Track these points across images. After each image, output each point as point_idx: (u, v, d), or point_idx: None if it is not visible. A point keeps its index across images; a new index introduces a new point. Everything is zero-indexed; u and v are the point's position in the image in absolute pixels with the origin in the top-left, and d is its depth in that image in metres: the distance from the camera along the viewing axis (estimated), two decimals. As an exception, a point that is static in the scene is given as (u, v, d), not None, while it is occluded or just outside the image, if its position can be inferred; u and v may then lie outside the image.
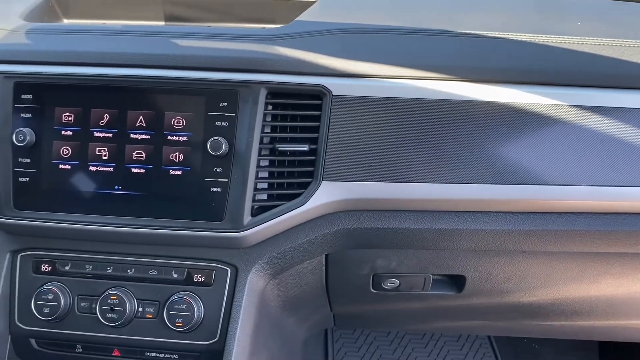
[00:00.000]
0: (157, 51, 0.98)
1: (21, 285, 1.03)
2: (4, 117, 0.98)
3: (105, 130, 0.97)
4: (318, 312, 1.27)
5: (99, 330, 1.01)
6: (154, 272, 1.01)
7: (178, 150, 0.96)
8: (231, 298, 0.99)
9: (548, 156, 0.96)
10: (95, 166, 0.97)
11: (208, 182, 0.95)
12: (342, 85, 0.96)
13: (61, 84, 0.98)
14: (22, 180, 0.99)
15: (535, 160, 0.96)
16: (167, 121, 0.96)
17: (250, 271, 0.99)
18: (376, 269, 1.10)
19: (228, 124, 0.95)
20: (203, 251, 1.00)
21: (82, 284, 1.02)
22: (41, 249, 1.03)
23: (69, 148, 0.98)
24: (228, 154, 0.94)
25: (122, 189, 0.97)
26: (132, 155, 0.97)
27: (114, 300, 0.99)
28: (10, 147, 0.98)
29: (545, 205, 0.98)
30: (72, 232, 0.99)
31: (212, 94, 0.95)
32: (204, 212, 0.95)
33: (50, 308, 1.00)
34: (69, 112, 0.98)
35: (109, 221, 0.97)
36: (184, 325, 0.98)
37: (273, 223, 0.96)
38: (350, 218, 1.00)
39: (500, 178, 0.96)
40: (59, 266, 1.03)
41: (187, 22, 1.24)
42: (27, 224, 0.99)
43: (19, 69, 0.99)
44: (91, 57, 0.98)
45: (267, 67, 0.95)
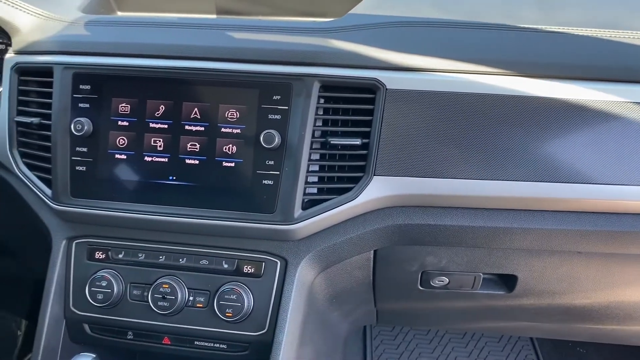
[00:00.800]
0: (212, 43, 0.98)
1: (76, 271, 1.06)
2: (63, 107, 1.01)
3: (161, 122, 0.99)
4: (362, 308, 1.26)
5: (150, 318, 1.02)
6: (205, 262, 1.02)
7: (231, 142, 0.96)
8: (280, 290, 1.00)
9: (608, 155, 0.93)
10: (150, 156, 0.99)
11: (260, 175, 0.96)
12: (396, 78, 0.95)
13: (118, 75, 1.00)
14: (79, 169, 1.01)
15: (595, 158, 0.93)
16: (221, 113, 0.97)
17: (300, 264, 0.99)
18: (425, 266, 1.08)
19: (281, 117, 0.95)
20: (253, 243, 1.01)
21: (134, 272, 1.04)
22: (95, 236, 1.06)
23: (125, 138, 1.00)
24: (280, 147, 0.94)
25: (176, 180, 0.98)
26: (187, 147, 0.98)
27: (166, 289, 1.01)
28: (68, 136, 1.01)
29: (605, 205, 0.95)
30: (126, 220, 1.01)
31: (265, 87, 0.95)
32: (255, 204, 0.96)
33: (103, 295, 1.02)
34: (125, 103, 1.00)
35: (162, 211, 0.99)
36: (234, 315, 0.99)
37: (323, 217, 0.96)
38: (402, 214, 0.99)
39: (557, 176, 0.93)
40: (113, 254, 1.05)
41: (238, 15, 1.25)
42: (82, 212, 1.01)
43: (78, 60, 1.01)
44: (148, 49, 1.00)
45: (320, 60, 0.95)
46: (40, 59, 1.04)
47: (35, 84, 1.07)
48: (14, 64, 1.06)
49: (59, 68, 1.01)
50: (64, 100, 1.01)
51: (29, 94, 1.07)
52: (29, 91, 1.07)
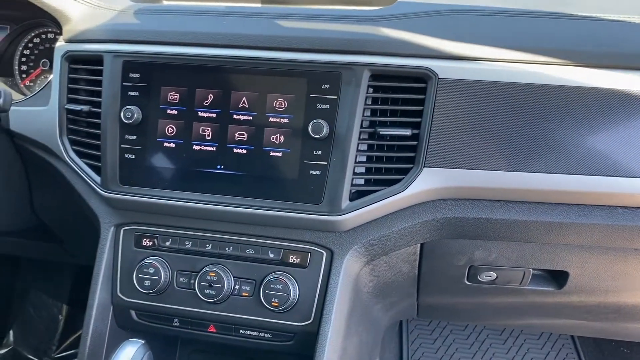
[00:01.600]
0: (261, 32, 0.98)
1: (123, 258, 1.07)
2: (113, 95, 1.02)
3: (209, 110, 0.99)
4: (404, 301, 1.25)
5: (196, 306, 1.03)
6: (251, 251, 1.02)
7: (279, 131, 0.96)
8: (326, 281, 0.99)
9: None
10: (199, 145, 0.99)
11: (307, 165, 0.95)
12: (449, 68, 0.92)
13: (168, 64, 1.00)
14: (128, 157, 1.02)
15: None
16: (269, 102, 0.96)
17: (346, 255, 0.99)
18: (473, 261, 1.06)
19: (329, 107, 0.94)
20: (299, 233, 1.00)
21: (181, 260, 1.04)
22: (143, 224, 1.07)
23: (174, 127, 1.00)
24: (328, 137, 0.93)
25: (224, 169, 0.98)
26: (235, 136, 0.98)
27: (212, 277, 1.01)
28: (118, 124, 1.01)
29: (667, 201, 0.91)
30: (173, 208, 1.01)
31: (314, 76, 0.94)
32: (302, 195, 0.95)
33: (151, 282, 1.03)
34: (174, 92, 1.00)
35: (209, 199, 0.99)
36: (280, 305, 0.98)
37: (371, 208, 0.95)
38: (451, 207, 0.97)
39: (615, 170, 0.90)
40: (160, 241, 1.06)
41: (283, 4, 1.24)
42: (131, 200, 1.02)
43: (128, 48, 1.02)
44: (198, 38, 1.00)
45: (370, 48, 0.93)
46: (90, 47, 1.05)
47: (85, 72, 1.08)
48: (65, 52, 1.07)
49: (109, 56, 1.02)
50: (113, 88, 1.02)
51: (79, 82, 1.08)
52: (79, 79, 1.08)
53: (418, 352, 1.91)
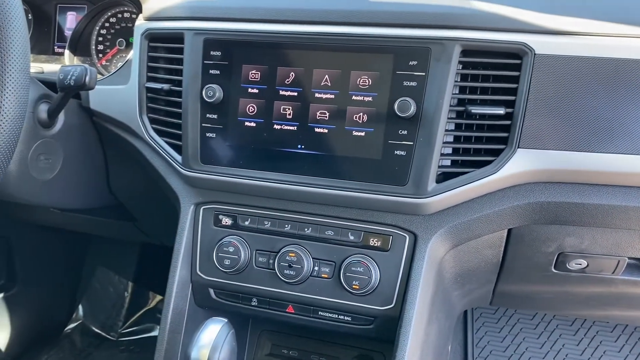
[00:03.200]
0: (345, 7, 0.94)
1: (203, 236, 1.07)
2: (194, 73, 1.01)
3: (291, 89, 0.97)
4: (481, 288, 1.21)
5: (275, 286, 1.02)
6: (330, 233, 1.00)
7: (362, 110, 0.93)
8: (409, 265, 0.96)
9: None
10: (280, 124, 0.98)
11: (392, 145, 0.92)
12: (546, 43, 0.87)
13: (249, 41, 0.98)
14: (209, 136, 1.01)
15: None
16: (353, 80, 0.93)
17: (431, 240, 0.95)
18: (563, 248, 1.01)
19: (417, 84, 0.90)
20: (380, 215, 0.98)
21: (260, 239, 1.04)
22: (222, 202, 1.06)
23: (255, 105, 0.99)
24: (415, 115, 0.90)
25: (305, 148, 0.97)
26: (316, 115, 0.95)
27: (292, 258, 1.00)
28: (199, 103, 1.01)
29: None
30: (253, 188, 1.00)
31: (401, 52, 0.91)
32: (386, 176, 0.92)
33: (230, 260, 1.03)
34: (255, 70, 0.98)
35: (290, 179, 0.98)
36: (361, 288, 0.96)
37: (459, 191, 0.91)
38: (545, 190, 0.92)
39: None
40: (239, 220, 1.05)
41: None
42: (211, 179, 1.02)
43: (209, 26, 1.01)
44: (279, 14, 0.97)
45: (462, 22, 0.89)
46: (170, 25, 1.05)
47: (164, 50, 1.08)
48: (145, 30, 1.07)
49: (189, 34, 1.01)
50: (194, 66, 1.01)
51: (159, 60, 1.08)
52: (159, 57, 1.08)
53: (483, 340, 1.86)
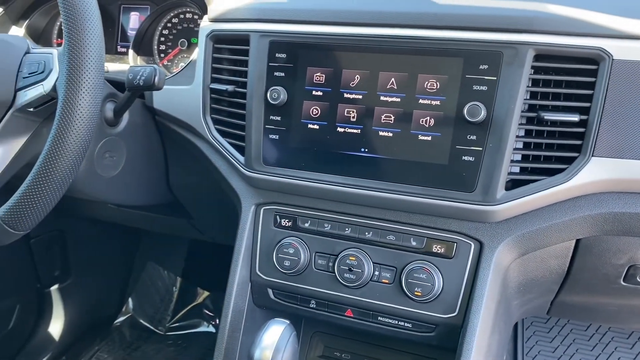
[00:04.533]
0: (413, 10, 0.93)
1: (263, 237, 1.08)
2: (259, 75, 1.02)
3: (355, 92, 0.96)
4: (541, 298, 1.17)
5: (334, 289, 1.02)
6: (392, 238, 0.99)
7: (429, 114, 0.92)
8: (473, 273, 0.94)
9: None
10: (343, 127, 0.97)
11: (460, 150, 0.90)
12: (625, 48, 0.84)
13: (314, 44, 0.98)
14: (272, 137, 1.02)
15: None
16: (420, 84, 0.92)
17: (497, 248, 0.93)
18: (635, 260, 0.97)
19: (487, 89, 0.88)
20: (444, 221, 0.96)
21: (320, 242, 1.04)
22: (282, 204, 1.07)
23: (319, 108, 0.98)
24: (485, 120, 0.88)
25: (368, 152, 0.96)
26: (381, 118, 0.95)
27: (352, 261, 0.99)
28: (263, 104, 1.01)
29: None
30: (315, 190, 1.00)
31: (471, 56, 0.89)
32: (453, 182, 0.91)
33: (290, 262, 1.03)
34: (320, 72, 0.98)
35: (352, 183, 0.97)
36: (423, 295, 0.95)
37: (529, 199, 0.89)
38: (619, 200, 0.88)
39: None
40: (299, 222, 1.05)
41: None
42: (273, 180, 1.03)
43: (275, 28, 1.01)
44: (346, 16, 0.97)
45: (536, 26, 0.86)
46: (236, 27, 1.06)
47: (229, 51, 1.09)
48: (210, 31, 1.08)
49: (255, 36, 1.02)
50: (259, 68, 1.01)
51: (223, 62, 1.10)
52: (223, 59, 1.09)
53: (534, 350, 1.82)
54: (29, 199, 0.84)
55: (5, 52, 0.93)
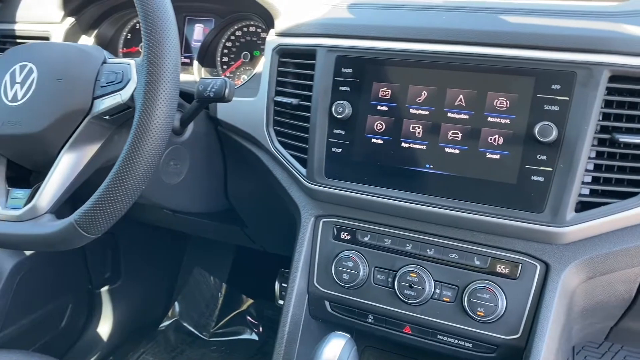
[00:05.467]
0: (485, 28, 0.93)
1: (321, 249, 1.08)
2: (324, 89, 1.03)
3: (422, 108, 0.96)
4: (602, 323, 1.14)
5: (393, 305, 1.02)
6: (455, 256, 0.98)
7: (498, 133, 0.91)
8: (538, 295, 0.93)
9: None
10: (408, 143, 0.97)
11: (529, 170, 0.89)
12: None
13: (381, 59, 0.99)
14: (334, 151, 1.03)
15: None
16: (489, 102, 0.91)
17: (564, 271, 0.91)
18: None
19: (559, 109, 0.87)
20: (509, 241, 0.95)
21: (379, 257, 1.04)
22: (342, 217, 1.07)
23: (383, 123, 0.99)
24: (556, 141, 0.87)
25: (433, 168, 0.96)
26: (448, 135, 0.94)
27: (413, 278, 0.99)
28: (327, 117, 1.03)
29: None
30: (376, 205, 1.01)
31: (543, 75, 0.88)
32: (521, 202, 0.90)
33: (349, 275, 1.03)
34: (386, 88, 0.99)
35: (415, 199, 0.97)
36: (486, 315, 0.94)
37: (599, 222, 0.87)
38: (696, 227, 0.86)
39: None
40: (359, 236, 1.05)
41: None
42: (335, 193, 1.03)
43: (341, 43, 1.02)
44: (414, 33, 0.97)
45: (613, 47, 0.85)
46: (302, 42, 1.07)
47: (293, 65, 1.10)
48: (276, 45, 1.10)
49: (322, 51, 1.04)
50: (325, 82, 1.03)
51: (287, 75, 1.11)
52: (287, 72, 1.11)
53: (586, 377, 1.76)
54: (104, 203, 0.87)
55: (84, 62, 0.96)
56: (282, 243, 1.59)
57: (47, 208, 0.94)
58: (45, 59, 0.98)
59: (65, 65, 0.96)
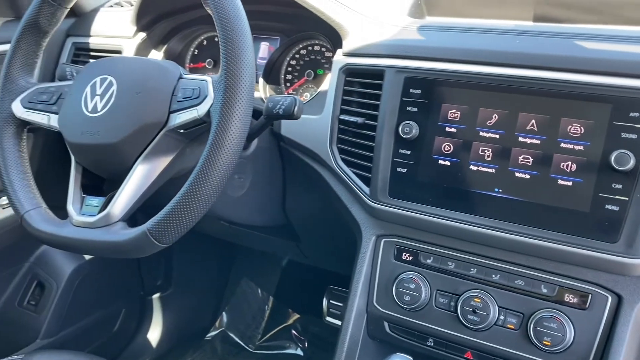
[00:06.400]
0: (559, 53, 0.92)
1: (382, 269, 1.08)
2: (391, 109, 1.03)
3: (492, 131, 0.95)
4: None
5: (455, 329, 1.00)
6: (521, 283, 0.96)
7: (571, 159, 0.89)
8: (609, 328, 0.90)
9: None
10: (476, 166, 0.97)
11: (603, 198, 0.87)
12: None
13: (451, 81, 0.99)
14: (399, 171, 1.03)
15: None
16: (563, 127, 0.90)
17: (638, 304, 0.88)
18: None
19: (637, 137, 0.85)
20: (579, 270, 0.92)
21: (442, 280, 1.03)
22: (404, 237, 1.07)
23: (451, 145, 0.99)
24: (633, 170, 0.84)
25: (502, 192, 0.94)
26: (518, 159, 0.93)
27: (477, 303, 0.97)
28: (393, 137, 1.03)
29: None
30: (441, 227, 1.00)
31: (620, 102, 0.86)
32: (594, 231, 0.87)
33: (410, 297, 1.03)
34: (455, 110, 0.98)
35: (483, 222, 0.96)
36: (552, 345, 0.91)
37: (678, 255, 0.84)
38: None
39: None
40: (421, 257, 1.05)
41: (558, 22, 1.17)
42: (398, 213, 1.03)
43: (411, 64, 1.03)
44: (485, 56, 0.97)
45: (696, 75, 0.83)
46: (371, 62, 1.08)
47: (359, 84, 1.12)
48: (344, 65, 1.12)
49: (391, 71, 1.04)
50: (392, 103, 1.03)
51: (353, 94, 1.13)
52: (353, 91, 1.12)
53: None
54: (177, 214, 0.90)
55: (162, 77, 1.00)
56: (335, 260, 1.60)
57: (119, 216, 0.98)
58: (125, 73, 1.02)
59: (143, 80, 1.00)
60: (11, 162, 1.10)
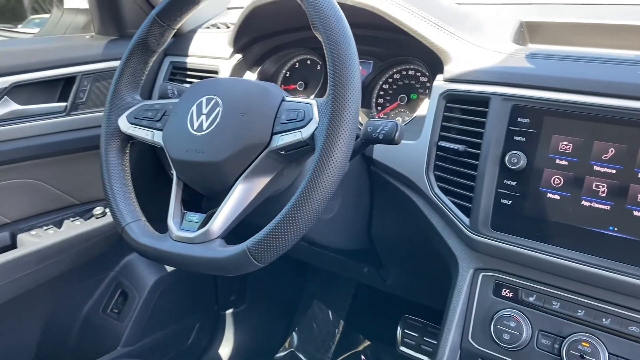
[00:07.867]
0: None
1: (479, 304, 1.03)
2: (497, 138, 1.00)
3: (608, 165, 0.90)
4: None
5: (560, 374, 0.94)
6: (635, 330, 0.90)
7: (700, 199, 0.83)
8: None
9: None
10: (589, 202, 0.91)
11: None
12: None
13: (563, 112, 0.95)
14: (504, 202, 0.99)
15: None
16: (690, 164, 0.84)
17: None
18: None
19: None
20: None
21: (545, 320, 0.97)
22: (505, 272, 1.02)
23: (562, 178, 0.94)
24: None
25: (618, 231, 0.89)
26: (638, 197, 0.87)
27: (585, 348, 0.91)
28: (498, 167, 0.99)
29: None
30: (546, 264, 0.95)
31: None
32: None
33: (510, 336, 0.98)
34: (567, 141, 0.94)
35: (595, 262, 0.90)
36: (672, 400, 0.84)
37: None
38: None
39: None
40: (523, 295, 1.00)
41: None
42: (500, 246, 0.99)
43: (519, 93, 0.99)
44: (600, 87, 0.92)
45: None
46: (474, 89, 1.06)
47: (460, 111, 1.09)
48: (445, 91, 1.10)
49: (497, 99, 1.01)
50: (498, 131, 1.00)
51: (452, 121, 1.10)
52: (453, 118, 1.10)
53: None
54: (277, 235, 0.89)
55: (266, 99, 1.01)
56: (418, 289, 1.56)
57: (218, 233, 0.99)
58: (231, 94, 1.04)
59: (248, 101, 1.01)
60: (115, 175, 1.14)
